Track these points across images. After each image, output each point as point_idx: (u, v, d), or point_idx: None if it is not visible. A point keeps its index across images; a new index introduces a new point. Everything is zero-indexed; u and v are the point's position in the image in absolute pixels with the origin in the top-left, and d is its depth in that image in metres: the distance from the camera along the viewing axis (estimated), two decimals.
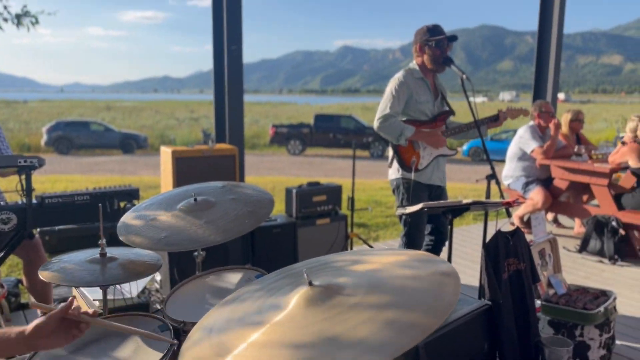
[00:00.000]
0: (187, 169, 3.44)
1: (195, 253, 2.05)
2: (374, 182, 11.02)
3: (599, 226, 4.68)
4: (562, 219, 5.93)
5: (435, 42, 3.18)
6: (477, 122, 3.10)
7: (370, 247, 4.50)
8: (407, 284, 1.11)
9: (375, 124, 3.20)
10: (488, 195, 3.07)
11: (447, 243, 2.87)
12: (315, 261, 1.39)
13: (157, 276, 3.54)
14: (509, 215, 3.00)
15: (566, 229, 5.71)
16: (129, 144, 21.67)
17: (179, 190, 2.12)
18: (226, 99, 4.24)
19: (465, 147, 20.75)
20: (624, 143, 4.84)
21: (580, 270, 4.39)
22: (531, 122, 5.40)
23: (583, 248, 4.77)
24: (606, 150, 5.26)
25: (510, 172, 5.49)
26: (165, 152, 3.47)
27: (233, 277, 1.86)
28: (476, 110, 3.08)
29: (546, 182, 5.33)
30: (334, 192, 4.29)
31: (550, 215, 5.84)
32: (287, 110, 56.25)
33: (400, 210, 2.83)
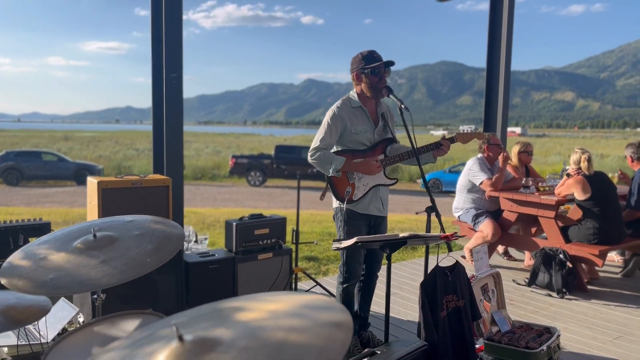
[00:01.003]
0: (114, 201, 3.22)
1: (95, 296, 1.84)
2: (330, 213, 10.89)
3: (547, 259, 4.64)
4: (514, 251, 5.90)
5: (371, 69, 3.10)
6: (415, 152, 3.01)
7: (316, 282, 4.32)
8: (289, 337, 0.95)
9: (308, 157, 3.16)
10: (428, 229, 2.97)
11: (386, 277, 2.72)
12: (205, 308, 1.22)
13: (80, 317, 3.26)
14: (450, 249, 2.89)
15: (517, 261, 5.68)
16: (84, 175, 21.00)
17: (81, 225, 1.92)
18: (164, 129, 4.07)
19: None
20: (569, 175, 4.87)
21: (529, 304, 4.31)
22: (479, 155, 5.40)
23: (532, 281, 4.71)
24: (553, 183, 5.29)
25: (460, 204, 5.45)
26: (91, 183, 3.25)
27: (129, 324, 1.65)
28: (415, 140, 3.00)
29: (496, 214, 5.30)
30: (278, 224, 4.12)
31: (500, 248, 5.80)
32: (250, 141, 56.09)
33: (336, 245, 2.69)
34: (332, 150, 3.23)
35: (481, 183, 5.19)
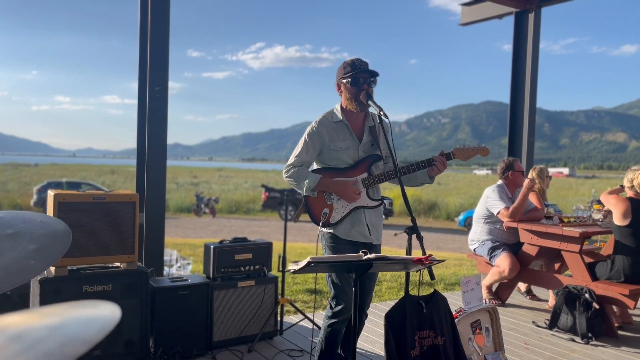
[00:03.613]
0: (72, 216, 2.97)
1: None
2: None
3: (571, 298, 4.10)
4: (540, 290, 5.33)
5: (351, 79, 2.77)
6: (395, 165, 2.65)
7: (304, 315, 3.93)
8: None
9: (283, 174, 2.88)
10: (409, 252, 2.57)
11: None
12: None
13: None
14: (432, 277, 2.47)
15: (541, 301, 5.11)
16: None
17: None
18: (146, 145, 3.86)
19: (461, 216, 20.18)
20: (622, 187, 4.23)
21: (547, 349, 3.77)
22: (500, 181, 4.95)
23: (553, 324, 4.16)
24: (580, 214, 4.76)
25: (476, 235, 4.98)
26: (50, 196, 3.04)
27: None
28: (394, 152, 2.65)
29: (515, 247, 4.79)
30: (262, 250, 3.79)
31: (523, 286, 5.25)
32: None
33: (292, 267, 2.33)
34: (311, 169, 2.93)
35: (498, 212, 4.72)
